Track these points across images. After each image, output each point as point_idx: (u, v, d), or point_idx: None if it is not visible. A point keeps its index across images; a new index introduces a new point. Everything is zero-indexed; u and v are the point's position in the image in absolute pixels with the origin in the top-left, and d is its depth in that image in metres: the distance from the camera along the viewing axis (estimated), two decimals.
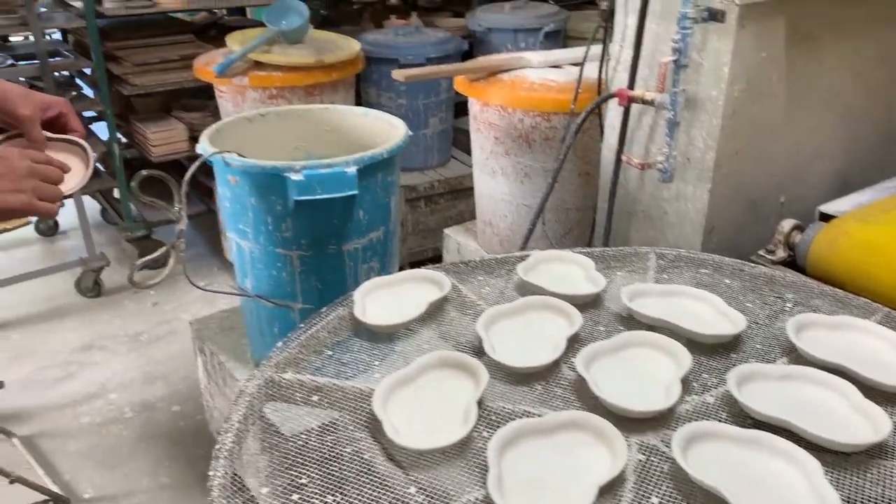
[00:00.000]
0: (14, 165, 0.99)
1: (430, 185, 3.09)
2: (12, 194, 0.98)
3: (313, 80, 2.59)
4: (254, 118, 1.82)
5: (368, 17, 3.80)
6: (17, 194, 0.98)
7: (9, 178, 0.98)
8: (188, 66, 2.93)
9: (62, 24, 2.93)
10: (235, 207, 1.61)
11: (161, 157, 3.08)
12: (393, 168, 1.67)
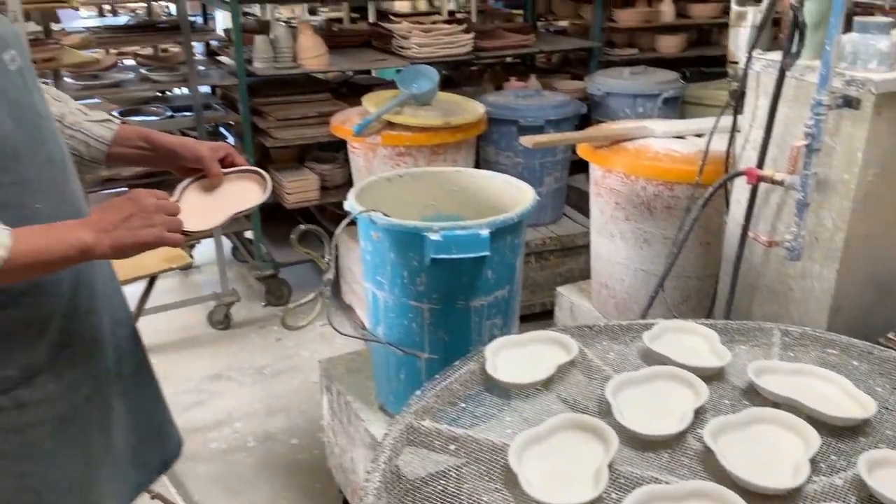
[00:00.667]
0: (143, 204, 1.11)
1: (541, 241, 3.18)
2: (146, 229, 1.09)
3: (439, 140, 2.76)
4: (392, 178, 1.97)
5: (489, 78, 3.97)
6: (149, 229, 1.09)
7: (140, 215, 1.09)
8: (324, 123, 3.17)
9: (216, 82, 3.24)
10: (375, 260, 1.75)
11: (294, 205, 3.32)
12: (520, 231, 1.77)
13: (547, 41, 3.99)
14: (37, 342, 1.11)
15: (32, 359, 1.10)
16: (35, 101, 1.13)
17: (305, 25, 3.20)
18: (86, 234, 1.04)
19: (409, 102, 2.84)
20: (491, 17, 5.16)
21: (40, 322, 1.11)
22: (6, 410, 1.08)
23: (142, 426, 1.36)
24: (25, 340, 1.10)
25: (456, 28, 3.44)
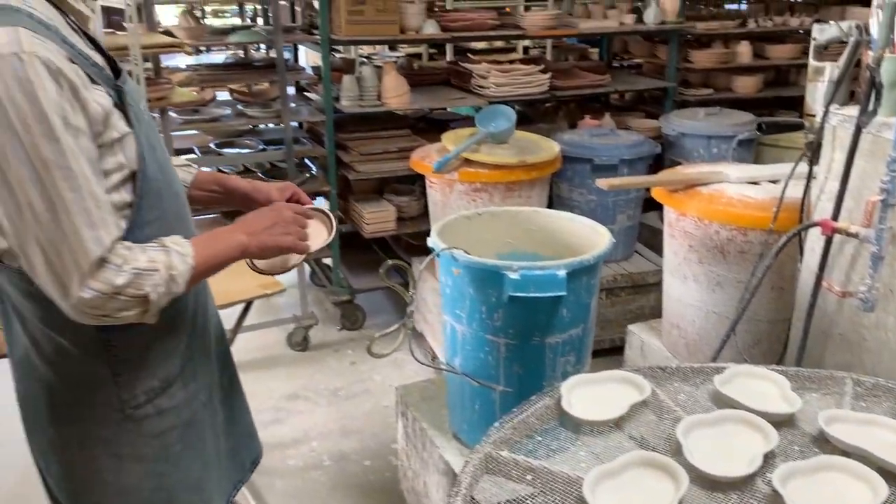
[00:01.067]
0: (283, 214, 1.31)
1: (613, 278, 3.23)
2: (285, 235, 1.29)
3: (515, 178, 2.86)
4: (472, 216, 2.08)
5: (563, 116, 4.06)
6: (287, 236, 1.29)
7: (281, 223, 1.29)
8: (404, 157, 3.32)
9: (306, 118, 3.43)
10: (455, 295, 1.85)
11: (372, 234, 3.47)
12: (596, 272, 1.84)
13: (622, 80, 4.06)
14: (172, 355, 1.27)
15: (168, 371, 1.26)
16: (161, 144, 1.28)
17: (390, 66, 3.37)
18: (241, 236, 1.24)
19: (486, 141, 2.96)
20: (566, 53, 5.26)
21: (175, 338, 1.27)
22: (150, 417, 1.23)
23: (236, 430, 1.51)
24: (165, 354, 1.25)
25: (533, 69, 3.55)
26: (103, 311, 1.06)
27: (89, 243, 1.02)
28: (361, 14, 3.11)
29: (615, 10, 3.88)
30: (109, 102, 1.09)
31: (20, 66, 0.96)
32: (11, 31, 0.97)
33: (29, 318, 1.18)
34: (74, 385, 1.20)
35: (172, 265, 1.11)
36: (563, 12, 3.97)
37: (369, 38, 3.37)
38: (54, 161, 0.99)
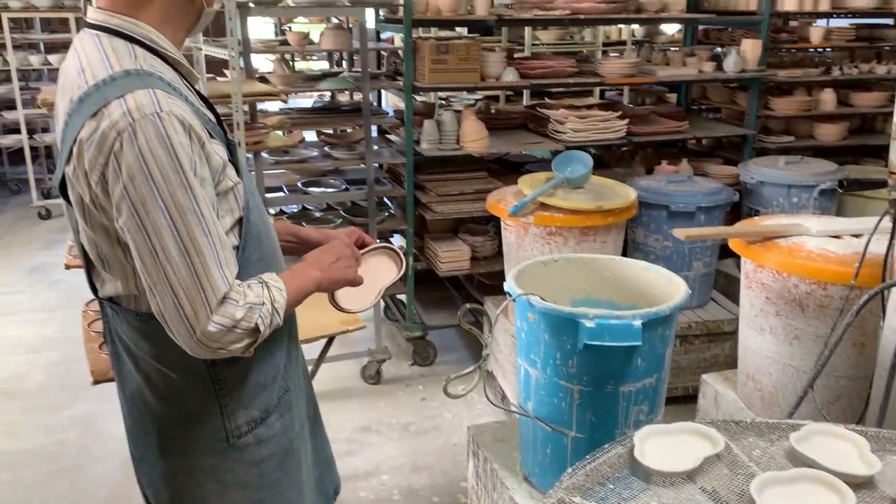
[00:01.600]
0: (343, 250, 1.43)
1: (687, 325, 3.20)
2: (349, 269, 1.41)
3: (590, 223, 2.89)
4: (548, 262, 2.13)
5: (640, 160, 4.08)
6: (350, 269, 1.41)
7: (343, 259, 1.41)
8: (480, 199, 3.41)
9: (388, 160, 3.58)
10: (530, 340, 1.90)
11: (446, 273, 3.55)
12: (671, 323, 1.86)
13: (700, 127, 4.06)
14: (270, 387, 1.37)
15: (267, 402, 1.37)
16: (259, 194, 1.41)
17: (469, 111, 3.48)
18: (315, 272, 1.35)
19: (562, 185, 3.01)
20: (643, 96, 5.29)
21: (272, 370, 1.38)
22: (250, 447, 1.34)
23: (321, 459, 1.60)
24: (263, 386, 1.36)
25: (610, 115, 3.60)
26: (220, 344, 1.16)
27: (219, 281, 1.14)
28: (444, 63, 3.24)
29: (694, 57, 3.90)
30: (225, 154, 1.22)
31: (160, 124, 1.09)
32: (150, 93, 1.11)
33: (142, 357, 1.30)
34: (186, 418, 1.31)
35: (275, 298, 1.22)
36: (642, 59, 4.02)
37: (451, 86, 3.50)
38: (188, 207, 1.11)
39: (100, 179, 1.12)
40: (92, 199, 1.15)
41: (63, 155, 1.17)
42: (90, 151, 1.10)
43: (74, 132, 1.12)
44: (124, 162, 1.08)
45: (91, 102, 1.11)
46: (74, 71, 1.17)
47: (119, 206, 1.11)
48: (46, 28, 7.32)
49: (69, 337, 3.98)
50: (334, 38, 3.33)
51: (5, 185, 7.13)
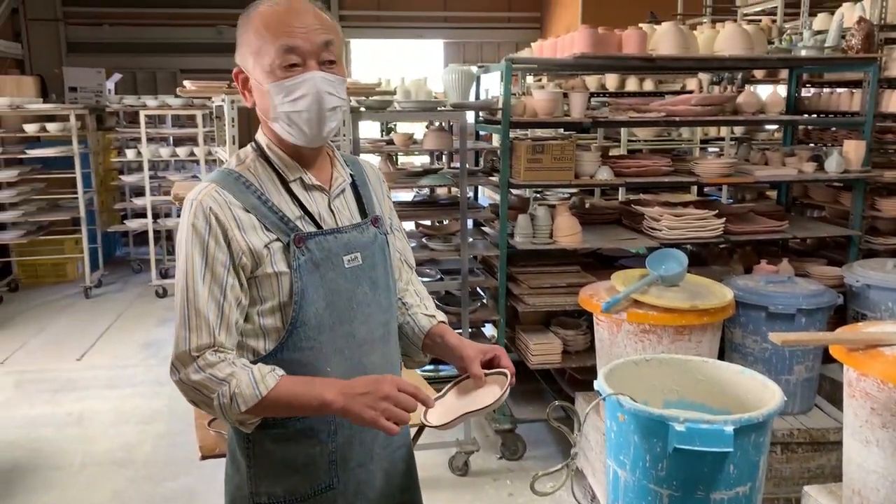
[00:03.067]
0: (379, 388, 1.33)
1: (788, 432, 3.06)
2: (367, 409, 1.31)
3: (685, 322, 2.87)
4: (640, 362, 2.14)
5: (738, 259, 4.02)
6: (369, 410, 1.31)
7: (371, 396, 1.32)
8: (572, 292, 3.44)
9: (482, 252, 3.69)
10: (619, 440, 1.89)
11: (537, 366, 3.57)
12: (766, 430, 1.82)
13: (801, 226, 3.98)
14: (303, 474, 1.45)
15: (297, 487, 1.45)
16: (357, 292, 1.47)
17: (563, 207, 3.57)
18: (330, 393, 1.33)
19: (656, 283, 3.01)
20: (742, 192, 5.23)
21: (309, 459, 1.45)
22: None
23: None
24: (295, 468, 1.45)
25: (707, 213, 3.60)
26: (188, 395, 1.35)
27: (180, 340, 1.34)
28: (539, 162, 3.37)
29: (794, 157, 3.87)
30: (271, 246, 1.37)
31: (190, 208, 1.37)
32: (206, 185, 1.39)
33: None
34: (234, 472, 1.49)
35: (241, 387, 1.31)
36: (740, 158, 4.02)
37: (545, 183, 3.61)
38: (188, 273, 1.35)
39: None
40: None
41: None
42: None
43: None
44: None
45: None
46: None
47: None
48: (176, 123, 8.05)
49: (176, 410, 4.20)
50: (436, 139, 3.53)
51: (128, 265, 7.72)
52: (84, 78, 8.63)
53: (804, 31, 3.78)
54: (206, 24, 11.23)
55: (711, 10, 7.70)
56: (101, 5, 10.92)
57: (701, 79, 6.18)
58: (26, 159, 6.77)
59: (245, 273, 1.38)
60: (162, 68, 11.25)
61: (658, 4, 8.27)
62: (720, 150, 6.62)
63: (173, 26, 11.18)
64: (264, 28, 1.37)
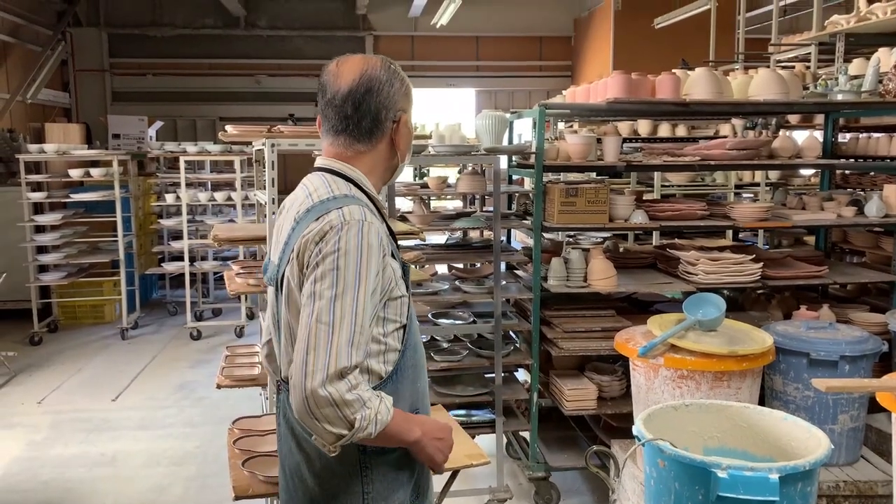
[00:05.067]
0: (448, 436, 1.58)
1: (834, 484, 2.96)
2: (439, 453, 1.55)
3: (724, 367, 2.81)
4: (679, 407, 2.09)
5: (777, 305, 3.94)
6: (440, 454, 1.56)
7: (444, 442, 1.56)
8: (607, 337, 3.40)
9: (515, 295, 3.67)
10: (659, 488, 1.84)
11: (572, 412, 3.51)
12: (812, 479, 1.76)
13: (841, 272, 3.90)
14: (406, 487, 1.59)
15: (402, 499, 1.57)
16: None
17: (597, 251, 3.56)
18: (418, 432, 1.51)
19: (693, 327, 2.97)
20: (779, 237, 5.16)
21: (411, 471, 1.59)
22: None
23: None
24: (402, 483, 1.56)
25: (744, 258, 3.55)
26: (319, 413, 1.34)
27: (343, 354, 1.35)
28: (573, 205, 3.37)
29: (833, 202, 3.82)
30: (399, 271, 1.54)
31: (363, 227, 1.43)
32: (360, 208, 1.47)
33: (306, 438, 1.50)
34: (333, 497, 1.51)
35: (381, 412, 1.39)
36: (776, 203, 3.98)
37: (579, 226, 3.60)
38: (353, 288, 1.39)
39: (308, 261, 1.44)
40: (298, 282, 1.47)
41: (286, 254, 1.51)
42: (310, 243, 1.45)
43: (301, 233, 1.47)
44: (325, 246, 1.42)
45: (315, 212, 1.48)
46: (302, 195, 1.56)
47: (308, 278, 1.43)
48: (214, 169, 8.24)
49: (208, 453, 4.21)
50: (470, 182, 3.56)
51: (164, 307, 7.83)
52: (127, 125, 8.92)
53: (840, 75, 3.77)
54: (245, 74, 11.58)
55: (743, 57, 7.72)
56: (144, 56, 11.33)
57: (734, 124, 6.17)
58: (70, 203, 6.97)
59: (380, 296, 1.49)
60: (202, 116, 11.57)
61: (690, 52, 8.33)
62: (754, 195, 6.56)
63: (213, 76, 11.53)
64: (410, 92, 1.64)
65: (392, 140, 1.60)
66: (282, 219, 1.63)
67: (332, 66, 1.60)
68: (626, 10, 10.14)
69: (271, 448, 2.12)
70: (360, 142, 1.57)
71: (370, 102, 1.55)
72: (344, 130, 1.56)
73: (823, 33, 5.31)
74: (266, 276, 1.65)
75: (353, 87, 1.54)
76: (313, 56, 11.60)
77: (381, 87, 1.55)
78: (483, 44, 12.04)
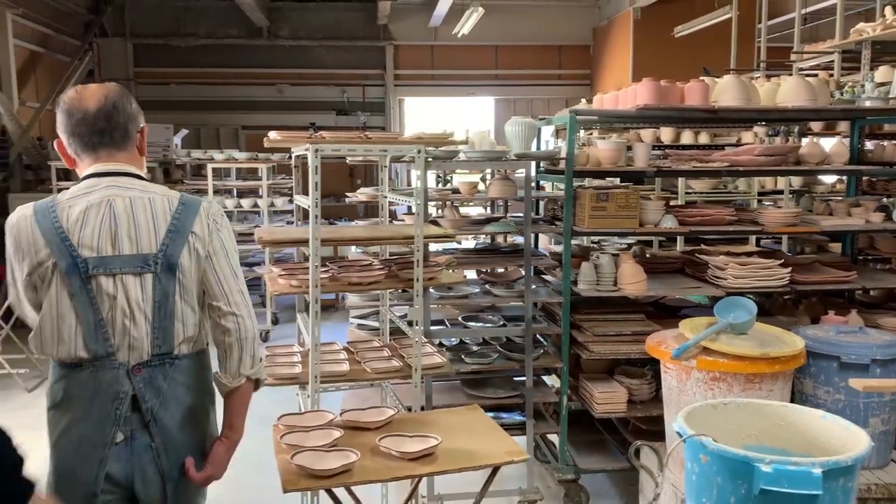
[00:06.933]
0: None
1: (866, 487, 2.97)
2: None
3: (756, 370, 2.84)
4: (717, 405, 2.14)
5: (804, 310, 3.97)
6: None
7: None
8: (637, 341, 3.44)
9: (545, 299, 3.72)
10: (701, 483, 1.89)
11: (602, 414, 3.55)
12: (853, 475, 1.80)
13: (869, 277, 3.92)
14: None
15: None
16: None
17: (627, 255, 3.60)
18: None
19: (725, 330, 3.00)
20: (802, 245, 5.18)
21: None
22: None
23: None
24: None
25: (772, 262, 3.58)
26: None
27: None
28: (604, 210, 3.42)
29: (860, 208, 3.84)
30: None
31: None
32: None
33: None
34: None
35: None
36: (803, 209, 4.01)
37: (609, 231, 3.65)
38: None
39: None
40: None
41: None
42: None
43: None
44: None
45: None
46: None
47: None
48: (240, 176, 8.36)
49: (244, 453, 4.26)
50: (501, 188, 3.62)
51: None
52: (153, 133, 9.03)
53: (866, 82, 3.81)
54: (267, 83, 11.74)
55: (765, 65, 7.75)
56: (168, 66, 11.52)
57: (757, 132, 6.20)
58: None
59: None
60: (224, 125, 11.74)
61: (709, 60, 8.37)
62: (773, 202, 6.57)
63: (236, 85, 11.70)
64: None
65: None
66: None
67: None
68: (646, 19, 10.21)
69: (316, 443, 2.18)
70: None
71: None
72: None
73: (849, 41, 5.35)
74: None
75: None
76: (334, 65, 11.76)
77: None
78: (502, 52, 12.15)
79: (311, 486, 2.06)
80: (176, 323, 1.87)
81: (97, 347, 1.83)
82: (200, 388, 2.00)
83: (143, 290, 1.84)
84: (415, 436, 2.22)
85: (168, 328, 1.87)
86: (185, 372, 1.93)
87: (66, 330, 1.83)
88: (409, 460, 2.11)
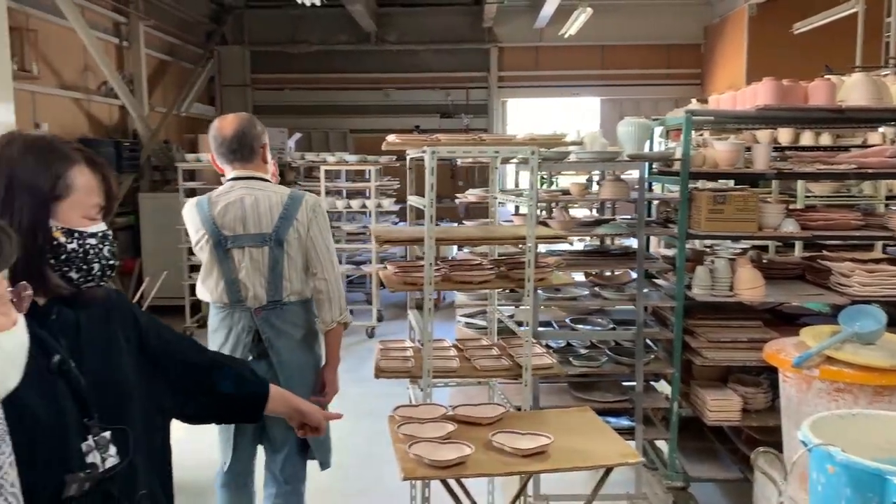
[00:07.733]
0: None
1: None
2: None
3: (885, 382, 2.70)
4: (845, 416, 2.06)
5: None
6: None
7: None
8: (753, 348, 3.33)
9: (657, 303, 3.66)
10: (827, 493, 1.82)
11: (714, 422, 3.46)
12: None
13: None
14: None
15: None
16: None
17: (745, 260, 3.50)
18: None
19: (850, 340, 2.87)
20: None
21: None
22: None
23: None
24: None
25: None
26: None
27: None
28: (721, 213, 3.33)
29: None
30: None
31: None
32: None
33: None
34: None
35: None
36: None
37: (727, 234, 3.56)
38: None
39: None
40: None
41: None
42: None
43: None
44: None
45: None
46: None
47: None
48: (350, 177, 8.64)
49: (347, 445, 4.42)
50: (613, 189, 3.59)
51: None
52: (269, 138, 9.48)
53: None
54: (374, 87, 12.06)
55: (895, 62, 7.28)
56: (282, 72, 12.04)
57: (884, 133, 5.83)
58: None
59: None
60: (334, 128, 12.15)
61: (832, 57, 7.93)
62: None
63: (344, 90, 12.09)
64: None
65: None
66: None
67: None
68: (762, 16, 9.81)
69: (430, 435, 2.25)
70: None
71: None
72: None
73: None
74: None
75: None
76: (439, 68, 11.94)
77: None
78: (608, 52, 11.97)
79: (428, 476, 2.13)
80: (284, 281, 2.65)
81: (232, 295, 2.65)
82: (304, 325, 2.74)
83: (262, 258, 2.64)
84: (527, 433, 2.25)
85: (278, 284, 2.64)
86: (292, 314, 2.69)
87: (215, 283, 2.67)
88: (523, 457, 2.15)
